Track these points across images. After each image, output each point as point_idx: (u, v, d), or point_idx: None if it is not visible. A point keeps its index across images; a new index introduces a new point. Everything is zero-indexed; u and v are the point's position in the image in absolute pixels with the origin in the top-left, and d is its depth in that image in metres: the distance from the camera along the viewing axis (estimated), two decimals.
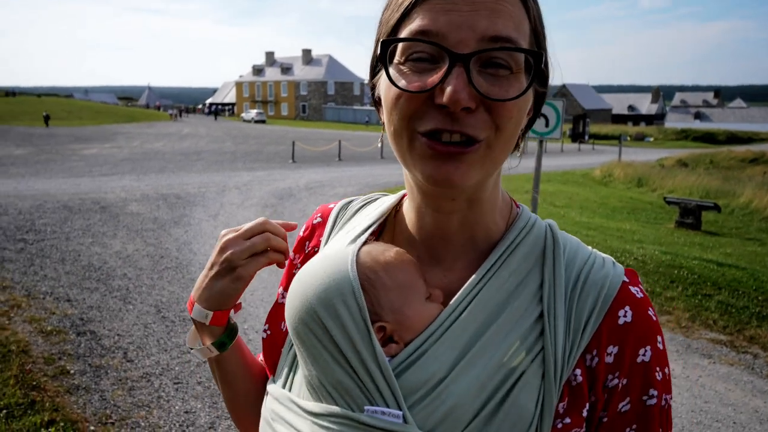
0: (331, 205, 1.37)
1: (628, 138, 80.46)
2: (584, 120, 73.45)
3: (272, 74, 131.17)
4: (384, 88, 1.04)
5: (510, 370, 0.98)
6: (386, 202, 1.30)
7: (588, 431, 1.03)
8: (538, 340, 1.01)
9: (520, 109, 1.00)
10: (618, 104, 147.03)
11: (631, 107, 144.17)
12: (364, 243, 1.14)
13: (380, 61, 1.04)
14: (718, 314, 8.13)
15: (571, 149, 55.42)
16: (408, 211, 1.19)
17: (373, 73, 1.11)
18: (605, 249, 10.83)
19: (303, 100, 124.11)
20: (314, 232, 1.33)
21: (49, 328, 6.71)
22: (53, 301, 7.63)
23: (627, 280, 1.08)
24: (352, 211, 1.32)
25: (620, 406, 1.02)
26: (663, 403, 1.05)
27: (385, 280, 1.04)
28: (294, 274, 1.26)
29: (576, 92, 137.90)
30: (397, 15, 1.01)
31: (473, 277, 1.06)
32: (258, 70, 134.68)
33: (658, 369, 1.05)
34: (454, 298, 1.04)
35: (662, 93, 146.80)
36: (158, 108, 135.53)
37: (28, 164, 25.04)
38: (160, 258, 10.05)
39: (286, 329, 1.17)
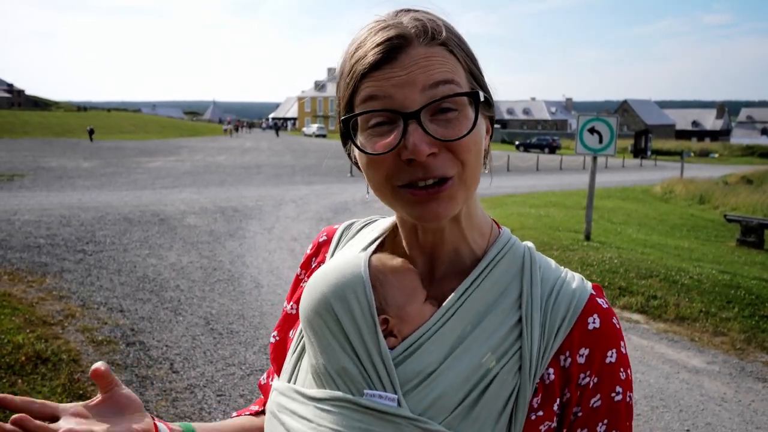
0: (336, 226, 1.51)
1: (692, 154, 79.00)
2: (646, 135, 72.33)
3: (333, 90, 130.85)
4: (358, 154, 1.19)
5: (490, 368, 1.11)
6: (385, 223, 1.43)
7: (563, 424, 1.15)
8: (516, 341, 1.14)
9: (476, 141, 1.15)
10: (682, 120, 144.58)
11: (695, 123, 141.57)
12: (374, 252, 1.29)
13: (346, 135, 1.19)
14: None
15: (632, 165, 54.65)
16: (403, 234, 1.32)
17: (344, 142, 1.25)
18: (661, 267, 10.65)
19: None
20: (320, 249, 1.48)
21: (100, 338, 6.85)
22: (107, 311, 7.79)
23: (594, 293, 1.22)
24: (354, 231, 1.46)
25: (592, 401, 1.15)
26: (628, 399, 1.18)
27: (393, 282, 1.19)
28: (302, 288, 1.40)
29: (638, 108, 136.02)
30: (349, 92, 1.16)
31: (460, 285, 1.19)
32: (320, 86, 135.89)
33: (622, 370, 1.18)
34: (445, 302, 1.17)
35: (728, 109, 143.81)
36: (228, 123, 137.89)
37: (94, 176, 25.70)
38: (213, 270, 10.20)
39: (293, 337, 1.35)
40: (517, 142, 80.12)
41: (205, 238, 12.82)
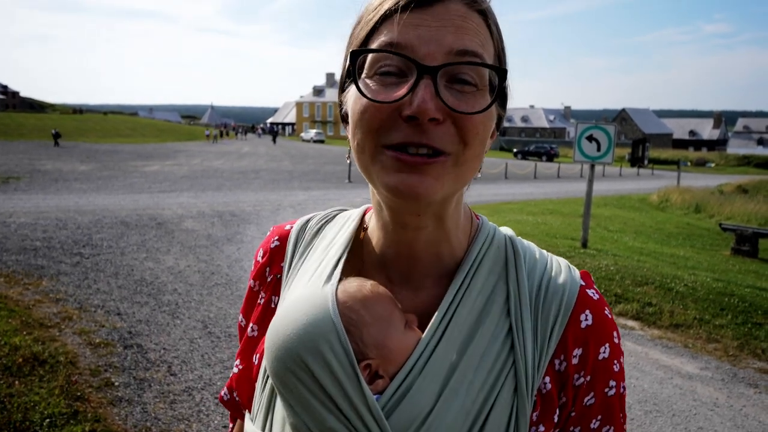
0: (288, 227, 1.34)
1: (689, 163, 79.14)
2: (644, 144, 72.44)
3: (332, 95, 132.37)
4: (351, 101, 1.05)
5: (488, 392, 1.02)
6: (348, 220, 1.29)
7: (557, 425, 1.09)
8: (509, 355, 1.05)
9: (485, 126, 1.02)
10: (679, 129, 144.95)
11: (692, 132, 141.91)
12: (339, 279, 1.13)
13: (349, 74, 1.06)
14: (767, 343, 7.96)
15: (629, 173, 54.71)
16: (375, 231, 1.20)
17: (342, 88, 1.12)
18: (656, 275, 10.70)
19: None
20: (273, 257, 1.31)
21: (97, 341, 6.87)
22: (104, 314, 7.81)
23: (584, 284, 1.14)
24: (312, 232, 1.30)
25: (585, 400, 1.09)
26: (621, 390, 1.13)
27: (365, 318, 1.04)
28: (259, 305, 1.29)
29: (636, 116, 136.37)
30: (367, 29, 1.04)
31: (444, 299, 1.08)
32: (318, 91, 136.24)
33: (615, 362, 1.12)
34: (430, 324, 1.06)
35: (725, 118, 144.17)
36: (223, 127, 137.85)
37: (90, 180, 25.72)
38: (211, 274, 10.22)
39: (259, 362, 1.20)
40: (515, 150, 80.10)
41: (202, 242, 12.84)
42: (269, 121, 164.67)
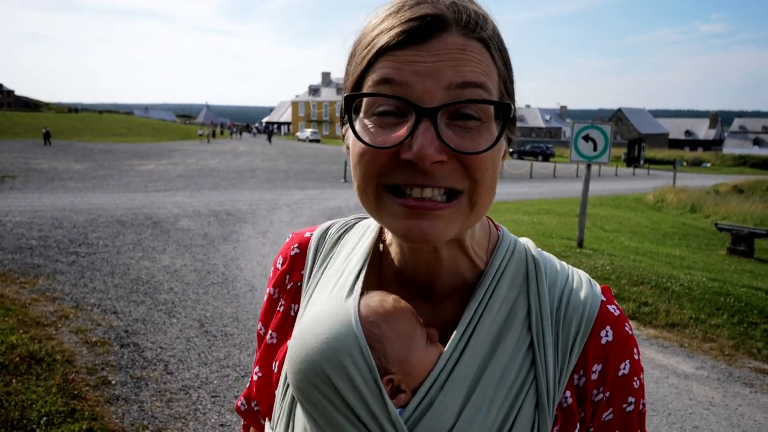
0: (307, 234, 1.33)
1: (684, 163, 79.25)
2: (639, 144, 72.51)
3: (328, 94, 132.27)
4: (351, 141, 1.03)
5: (510, 407, 1.01)
6: (367, 230, 1.28)
7: None
8: (530, 370, 1.04)
9: (494, 160, 0.99)
10: (675, 129, 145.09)
11: (688, 132, 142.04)
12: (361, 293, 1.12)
13: (346, 114, 1.02)
14: (763, 343, 7.98)
15: (625, 173, 54.82)
16: (393, 245, 1.19)
17: (342, 121, 1.08)
18: (652, 274, 10.71)
19: None
20: (293, 265, 1.29)
21: (94, 339, 6.87)
22: (100, 312, 7.81)
23: (605, 299, 1.13)
24: (332, 240, 1.29)
25: (604, 416, 1.08)
26: (641, 407, 1.12)
27: (388, 333, 1.03)
28: (278, 312, 1.27)
29: (632, 116, 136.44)
30: (361, 68, 1.00)
31: (465, 313, 1.07)
32: (314, 90, 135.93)
33: (635, 379, 1.11)
34: (451, 339, 1.05)
35: (721, 118, 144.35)
36: (221, 126, 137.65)
37: (86, 179, 25.69)
38: (207, 273, 10.22)
39: (278, 369, 1.20)
40: (510, 150, 79.85)
41: (198, 242, 12.84)
42: (265, 120, 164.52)
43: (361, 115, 1.00)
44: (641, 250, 14.78)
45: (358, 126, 1.00)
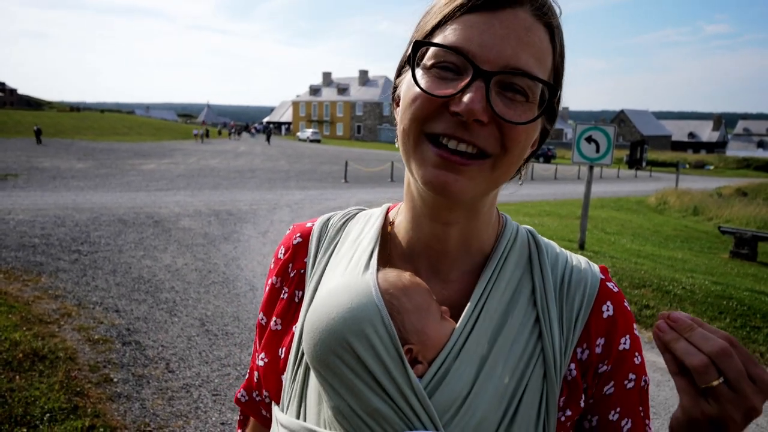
0: (309, 224, 1.37)
1: (687, 165, 79.21)
2: (642, 146, 72.49)
3: (329, 94, 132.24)
4: (405, 87, 1.10)
5: (519, 378, 1.08)
6: (372, 217, 1.32)
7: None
8: (537, 344, 1.11)
9: (528, 136, 1.06)
10: (678, 131, 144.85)
11: (691, 134, 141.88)
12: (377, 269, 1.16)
13: (408, 61, 1.09)
14: (766, 347, 7.98)
15: (627, 175, 54.80)
16: (404, 224, 1.23)
17: (399, 73, 1.16)
18: (654, 277, 10.71)
19: (358, 121, 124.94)
20: (296, 254, 1.31)
21: (96, 337, 6.89)
22: (102, 311, 7.83)
23: (603, 277, 1.20)
24: (335, 228, 1.32)
25: (605, 389, 1.15)
26: (642, 384, 1.18)
27: (406, 305, 1.07)
28: (282, 299, 1.29)
29: (634, 118, 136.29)
30: (435, 21, 1.07)
31: (475, 291, 1.14)
32: (315, 90, 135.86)
33: (636, 354, 1.17)
34: (463, 315, 1.10)
35: (724, 121, 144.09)
36: (223, 125, 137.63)
37: (88, 177, 25.71)
38: (208, 272, 10.23)
39: (285, 356, 1.22)
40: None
41: (199, 241, 12.85)
42: (266, 120, 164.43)
43: (422, 64, 1.06)
44: (643, 252, 14.77)
45: (418, 73, 1.06)
